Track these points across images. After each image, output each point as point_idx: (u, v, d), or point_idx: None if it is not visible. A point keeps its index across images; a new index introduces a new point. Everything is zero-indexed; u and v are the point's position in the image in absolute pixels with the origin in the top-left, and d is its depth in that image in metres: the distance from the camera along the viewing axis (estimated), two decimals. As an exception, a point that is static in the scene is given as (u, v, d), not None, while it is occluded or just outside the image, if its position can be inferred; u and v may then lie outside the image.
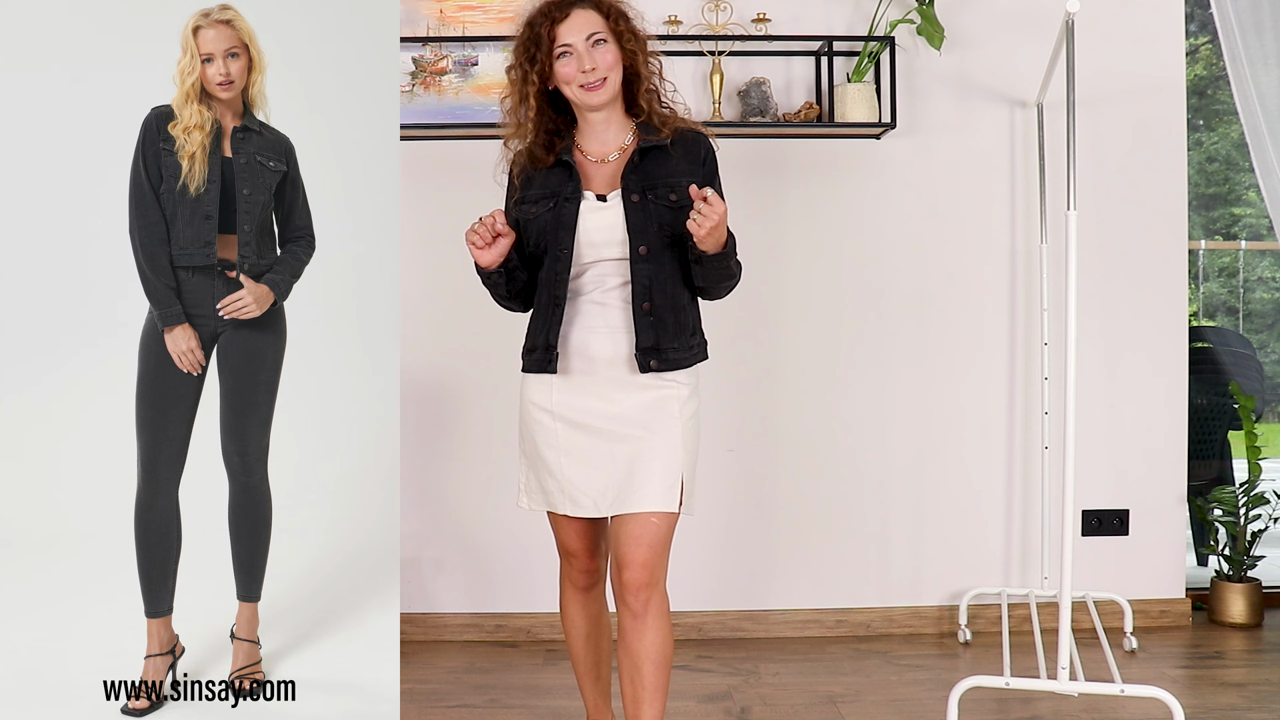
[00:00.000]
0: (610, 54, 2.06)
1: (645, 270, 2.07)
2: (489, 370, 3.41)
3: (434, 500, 3.45)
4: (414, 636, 3.42)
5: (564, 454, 2.13)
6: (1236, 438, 4.00)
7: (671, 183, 2.08)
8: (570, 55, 2.05)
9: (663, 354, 2.08)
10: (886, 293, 3.49)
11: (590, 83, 2.05)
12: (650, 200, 2.07)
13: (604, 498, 2.11)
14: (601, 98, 2.07)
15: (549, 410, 2.14)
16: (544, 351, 2.11)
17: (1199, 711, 2.72)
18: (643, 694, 2.09)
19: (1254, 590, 3.53)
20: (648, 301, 2.06)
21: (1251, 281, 4.76)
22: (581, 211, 2.08)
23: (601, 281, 2.10)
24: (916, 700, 2.86)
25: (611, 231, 2.08)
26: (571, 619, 2.31)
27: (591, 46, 2.05)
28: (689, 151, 2.12)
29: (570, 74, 2.06)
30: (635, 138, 2.13)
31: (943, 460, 3.50)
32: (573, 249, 2.08)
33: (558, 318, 2.09)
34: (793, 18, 3.43)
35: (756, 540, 3.48)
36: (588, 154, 2.14)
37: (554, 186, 2.11)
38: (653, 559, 2.07)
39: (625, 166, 2.10)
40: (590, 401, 2.11)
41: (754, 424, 3.45)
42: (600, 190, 2.11)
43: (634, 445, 2.09)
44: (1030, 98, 3.45)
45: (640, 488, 2.08)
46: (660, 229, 2.07)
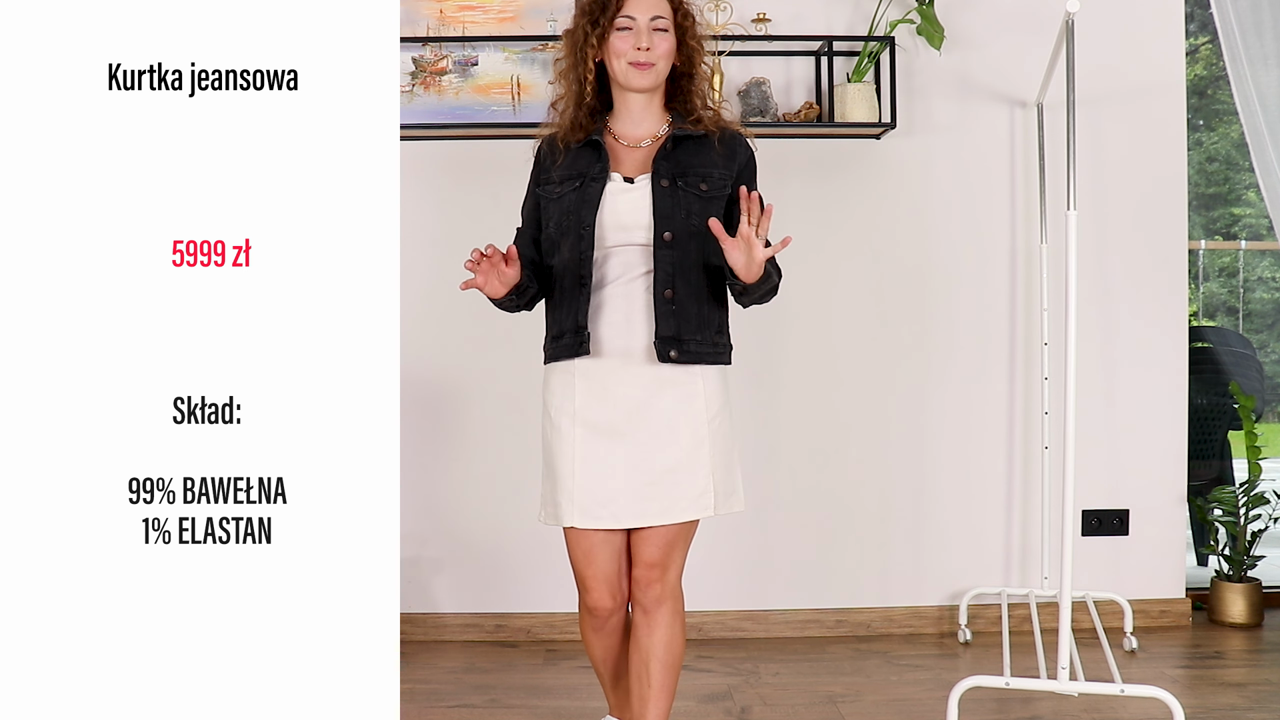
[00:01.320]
0: (667, 43, 2.06)
1: (669, 257, 2.02)
2: (489, 370, 3.41)
3: (434, 500, 3.45)
4: (414, 636, 3.42)
5: (580, 461, 2.04)
6: (1236, 438, 4.00)
7: (704, 172, 2.06)
8: (630, 31, 2.03)
9: (683, 345, 2.01)
10: (886, 292, 3.49)
11: (640, 61, 2.03)
12: (680, 187, 2.03)
13: (625, 511, 2.02)
14: (645, 81, 2.05)
15: (569, 414, 2.06)
16: (574, 335, 2.03)
17: (1199, 711, 2.72)
18: (648, 692, 2.07)
19: (1254, 590, 3.54)
20: (670, 289, 2.01)
21: (1251, 281, 4.77)
22: (607, 192, 2.04)
23: (625, 270, 2.04)
24: (916, 700, 2.86)
25: (636, 215, 2.03)
26: (589, 644, 2.21)
27: (653, 29, 2.04)
28: (728, 148, 2.10)
29: (624, 48, 2.04)
30: (670, 127, 2.10)
31: (943, 460, 3.50)
32: (594, 229, 2.03)
33: (585, 297, 2.02)
34: (793, 18, 3.43)
35: (756, 540, 3.48)
36: (620, 138, 2.11)
37: (581, 167, 2.07)
38: (664, 557, 2.04)
39: (657, 152, 2.07)
40: (612, 402, 2.04)
41: (754, 424, 3.45)
42: (629, 173, 2.07)
43: (659, 455, 2.02)
44: (1030, 98, 3.45)
45: (666, 498, 2.02)
46: (688, 216, 2.03)
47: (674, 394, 2.04)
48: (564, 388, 2.08)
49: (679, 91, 2.12)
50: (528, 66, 3.38)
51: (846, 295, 3.49)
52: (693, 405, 2.04)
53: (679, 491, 2.03)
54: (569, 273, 2.05)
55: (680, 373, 2.03)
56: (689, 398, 2.04)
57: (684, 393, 2.04)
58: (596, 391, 2.05)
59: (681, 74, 2.11)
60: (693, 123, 2.09)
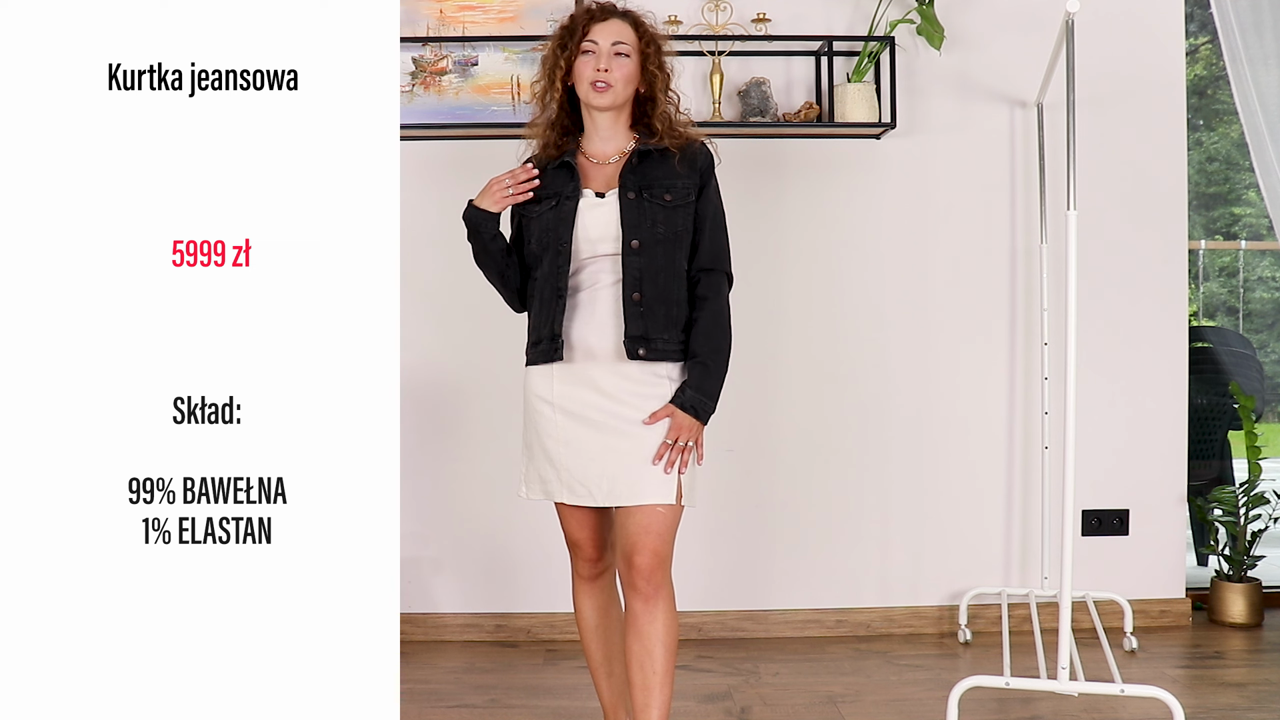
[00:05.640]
0: (628, 68, 2.20)
1: (636, 263, 2.16)
2: (488, 370, 3.42)
3: (434, 500, 3.46)
4: (414, 636, 3.42)
5: (563, 444, 2.19)
6: (1236, 438, 4.00)
7: (667, 184, 2.19)
8: (591, 54, 2.19)
9: (651, 343, 2.15)
10: (886, 292, 3.49)
11: (598, 82, 2.17)
12: (646, 199, 2.17)
13: (599, 488, 2.17)
14: (603, 100, 2.19)
15: (550, 402, 2.21)
16: (549, 342, 2.19)
17: (1199, 711, 2.72)
18: (653, 679, 2.15)
19: (1254, 590, 3.54)
20: (637, 292, 2.15)
21: (1251, 281, 4.76)
22: (580, 208, 2.19)
23: (597, 278, 2.19)
24: (916, 700, 2.87)
25: (606, 227, 2.17)
26: (580, 609, 2.36)
27: (614, 54, 2.19)
28: (688, 159, 2.23)
29: (586, 70, 2.19)
30: (636, 143, 2.25)
31: (943, 460, 3.50)
32: (571, 244, 2.18)
33: (561, 308, 2.17)
34: (793, 18, 3.43)
35: (756, 540, 3.49)
36: (590, 156, 2.25)
37: (557, 187, 2.22)
38: (662, 546, 2.15)
39: (624, 167, 2.21)
40: (587, 394, 2.18)
41: (754, 424, 3.45)
42: (599, 189, 2.21)
43: (630, 440, 2.15)
44: (1030, 98, 3.45)
45: (638, 481, 2.15)
46: (653, 225, 2.17)
47: (646, 390, 2.17)
48: (544, 384, 2.22)
49: (643, 114, 2.26)
50: (528, 66, 3.39)
51: (846, 295, 3.49)
52: (660, 399, 2.17)
53: (651, 475, 2.15)
54: (548, 284, 2.21)
55: (648, 369, 2.17)
56: (659, 396, 2.17)
57: (655, 391, 2.17)
58: (572, 386, 2.19)
59: (645, 98, 2.25)
60: (656, 141, 2.23)
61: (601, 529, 2.29)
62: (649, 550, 2.14)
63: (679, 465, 2.14)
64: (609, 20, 2.21)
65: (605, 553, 2.32)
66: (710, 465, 3.10)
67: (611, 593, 2.37)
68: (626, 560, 2.16)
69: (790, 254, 3.48)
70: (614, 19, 2.21)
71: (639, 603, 2.16)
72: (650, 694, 2.15)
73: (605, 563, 2.33)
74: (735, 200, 2.30)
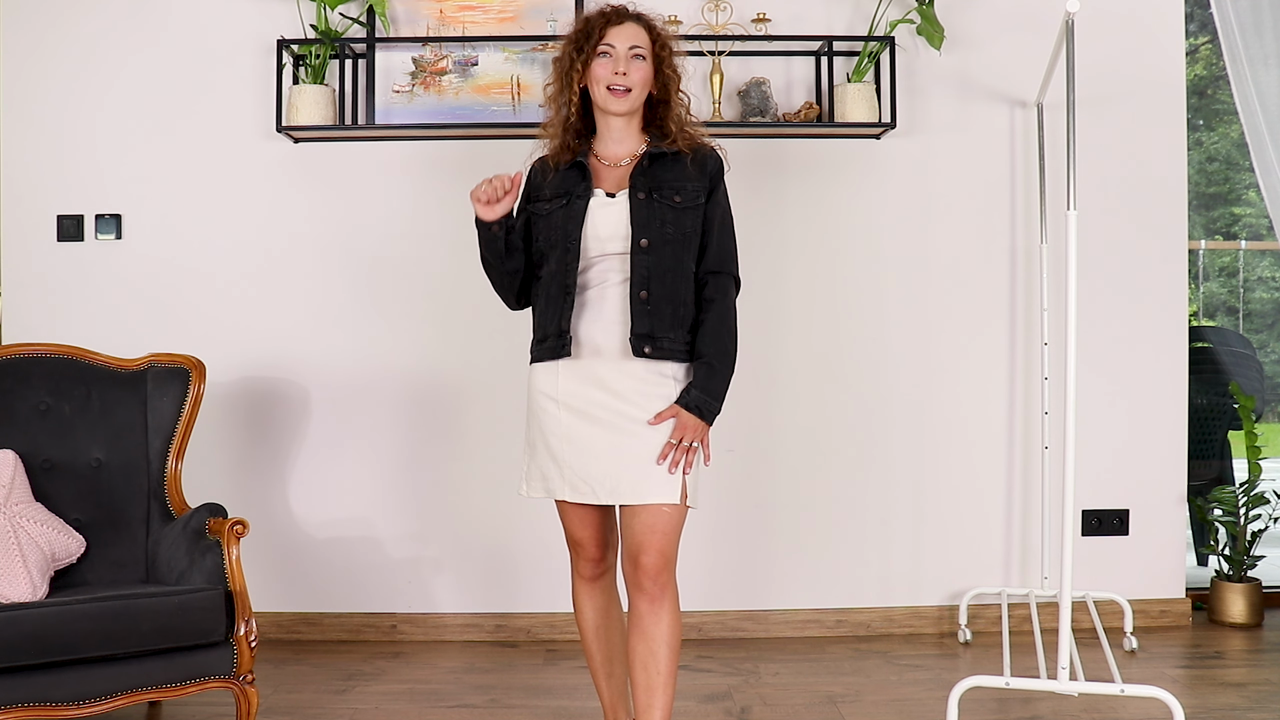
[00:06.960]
0: (643, 71, 2.21)
1: (644, 261, 2.16)
2: (488, 370, 3.42)
3: (434, 500, 3.46)
4: (414, 636, 3.42)
5: (567, 441, 2.19)
6: (1236, 438, 4.00)
7: (677, 186, 2.20)
8: (609, 57, 2.20)
9: (657, 342, 2.15)
10: (886, 292, 3.49)
11: (616, 86, 2.19)
12: (656, 199, 2.18)
13: (602, 486, 2.16)
14: (621, 105, 2.20)
15: (555, 398, 2.20)
16: (557, 338, 2.18)
17: (1199, 711, 2.72)
18: (656, 680, 2.15)
19: (1254, 590, 3.54)
20: (644, 290, 2.15)
21: (1251, 281, 4.76)
22: (591, 207, 2.20)
23: (605, 277, 2.19)
24: (916, 700, 2.86)
25: (616, 226, 2.18)
26: (581, 610, 2.35)
27: (630, 57, 2.20)
28: (699, 163, 2.25)
29: (603, 73, 2.20)
30: (648, 146, 2.25)
31: (943, 460, 3.50)
32: (580, 242, 2.18)
33: (569, 305, 2.18)
34: (793, 18, 3.43)
35: (756, 540, 3.49)
36: (603, 158, 2.26)
37: (568, 186, 2.23)
38: (668, 546, 2.15)
39: (635, 169, 2.22)
40: (593, 391, 2.17)
41: (754, 424, 3.45)
42: (610, 189, 2.22)
43: (635, 439, 2.15)
44: (1030, 98, 3.45)
45: (642, 481, 2.14)
46: (663, 225, 2.17)
47: (651, 389, 2.16)
48: (549, 381, 2.21)
49: (656, 117, 2.28)
50: (528, 66, 3.39)
51: (846, 295, 3.49)
52: (665, 398, 2.16)
53: (655, 474, 2.14)
54: (555, 281, 2.21)
55: (653, 367, 2.16)
56: (665, 397, 2.16)
57: (661, 391, 2.16)
58: (578, 384, 2.19)
59: (658, 100, 2.27)
60: (669, 144, 2.24)
61: (603, 528, 2.28)
62: (655, 550, 2.13)
63: (683, 465, 2.14)
64: (624, 24, 2.22)
65: (607, 552, 2.31)
66: (711, 465, 3.10)
67: (612, 593, 2.37)
68: (632, 560, 2.15)
69: (790, 254, 3.48)
70: (629, 22, 2.22)
71: (644, 603, 2.15)
72: (653, 694, 2.15)
73: (606, 563, 2.33)
74: (735, 201, 2.30)
